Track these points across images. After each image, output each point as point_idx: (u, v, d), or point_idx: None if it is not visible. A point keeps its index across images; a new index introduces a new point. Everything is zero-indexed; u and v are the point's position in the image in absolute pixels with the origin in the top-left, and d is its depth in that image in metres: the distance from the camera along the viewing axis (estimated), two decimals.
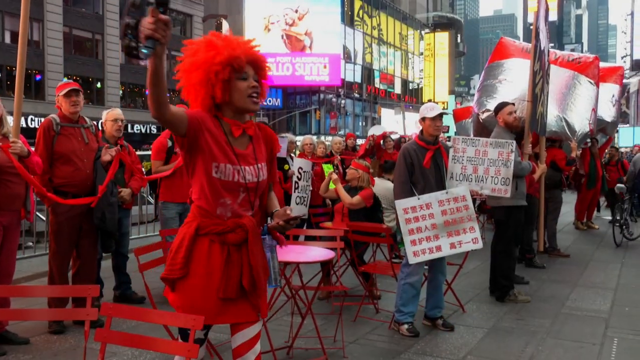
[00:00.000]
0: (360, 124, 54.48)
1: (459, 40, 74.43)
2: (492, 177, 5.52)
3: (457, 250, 5.14)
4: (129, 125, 34.93)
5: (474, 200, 10.60)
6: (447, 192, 5.14)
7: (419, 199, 5.06)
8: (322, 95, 49.61)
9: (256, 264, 2.65)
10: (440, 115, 5.24)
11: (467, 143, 5.55)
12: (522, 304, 6.19)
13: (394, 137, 10.70)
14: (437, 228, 5.04)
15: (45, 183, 4.98)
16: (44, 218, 5.28)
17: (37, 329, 5.03)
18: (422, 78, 64.53)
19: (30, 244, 8.22)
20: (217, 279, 2.60)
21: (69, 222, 5.08)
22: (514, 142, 5.68)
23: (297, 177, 7.85)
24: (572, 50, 72.40)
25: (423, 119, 5.26)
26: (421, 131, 5.32)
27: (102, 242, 5.41)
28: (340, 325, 4.89)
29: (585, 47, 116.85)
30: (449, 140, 6.53)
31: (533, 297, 6.47)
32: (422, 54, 64.53)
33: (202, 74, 2.53)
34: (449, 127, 25.27)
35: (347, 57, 50.67)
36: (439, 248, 5.06)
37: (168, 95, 2.41)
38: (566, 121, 8.36)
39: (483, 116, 8.18)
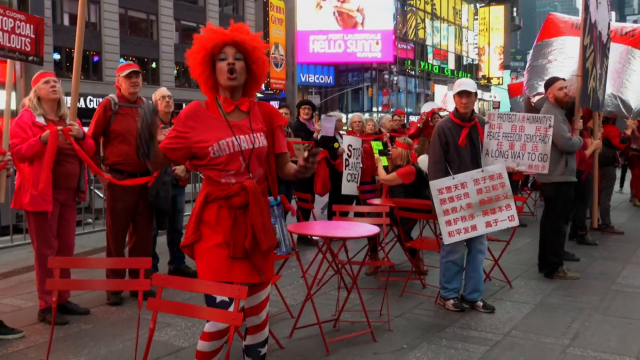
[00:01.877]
0: (413, 100, 53.95)
1: (514, 13, 72.37)
2: (529, 153, 5.44)
3: (493, 228, 5.11)
4: (184, 104, 35.58)
5: (527, 177, 10.52)
6: (482, 171, 5.07)
7: (453, 178, 5.02)
8: (374, 72, 49.30)
9: (256, 224, 2.85)
10: (467, 93, 5.10)
11: (503, 119, 5.48)
12: (571, 281, 6.14)
13: (443, 113, 10.58)
14: (472, 207, 5.02)
15: (97, 162, 5.21)
16: (102, 195, 5.53)
17: (96, 301, 5.31)
18: (476, 53, 63.20)
19: (90, 220, 8.59)
20: (226, 240, 2.83)
21: (124, 199, 5.31)
22: (552, 116, 5.57)
23: (347, 154, 7.92)
24: (635, 21, 69.47)
25: (453, 96, 5.18)
26: (456, 108, 5.22)
27: (157, 219, 5.63)
28: (386, 299, 4.99)
29: None
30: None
31: (583, 274, 6.40)
32: (477, 27, 63.12)
33: (192, 59, 2.88)
34: (500, 102, 24.78)
35: (400, 33, 50.08)
36: (474, 227, 5.05)
37: None
38: (621, 99, 8.16)
39: (534, 100, 8.05)
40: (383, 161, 6.98)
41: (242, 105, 2.96)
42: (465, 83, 5.22)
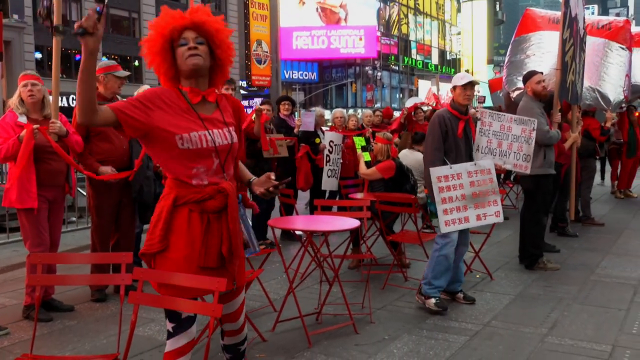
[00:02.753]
0: (397, 96, 54.11)
1: (497, 8, 72.84)
2: (514, 152, 5.56)
3: (483, 222, 5.17)
4: None
5: (509, 172, 10.65)
6: (475, 164, 5.14)
7: (451, 167, 5.02)
8: (358, 68, 49.41)
9: (235, 230, 2.66)
10: (472, 84, 5.16)
11: (494, 117, 5.59)
12: (551, 272, 6.24)
13: (425, 108, 10.69)
14: (465, 199, 5.05)
15: (87, 157, 5.20)
16: (85, 193, 5.55)
17: (80, 298, 5.33)
18: (459, 48, 63.50)
19: (74, 218, 8.56)
20: (197, 249, 2.60)
21: (108, 196, 5.32)
22: (536, 120, 5.72)
23: (329, 150, 7.98)
24: (617, 14, 70.13)
25: (454, 88, 5.19)
26: (452, 100, 5.25)
27: (140, 214, 5.65)
28: (368, 292, 5.05)
29: (632, 11, 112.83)
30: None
31: (563, 265, 6.51)
32: (459, 23, 63.40)
33: (147, 48, 2.65)
34: (485, 97, 24.95)
35: (383, 28, 50.19)
36: (467, 219, 5.07)
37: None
38: (599, 92, 8.28)
39: (514, 95, 8.15)
40: (365, 157, 7.04)
41: (210, 96, 2.71)
42: (468, 75, 5.29)
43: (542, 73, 6.45)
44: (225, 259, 2.64)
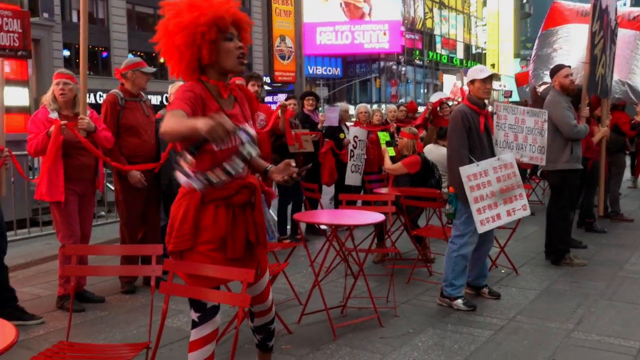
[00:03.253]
0: (421, 91, 53.85)
1: (524, 0, 71.96)
2: (530, 145, 5.49)
3: (512, 217, 5.07)
4: None
5: (535, 166, 10.56)
6: (498, 159, 5.03)
7: (478, 165, 4.87)
8: (382, 63, 49.26)
9: (261, 220, 2.72)
10: (491, 78, 5.07)
11: (508, 110, 5.53)
12: (578, 268, 6.20)
13: (451, 103, 10.64)
14: (495, 195, 4.92)
15: (115, 154, 5.31)
16: (113, 188, 5.67)
17: (110, 290, 5.45)
18: (485, 42, 62.92)
19: (103, 213, 8.72)
20: (225, 242, 2.65)
21: (136, 190, 5.42)
22: (546, 112, 5.66)
23: (353, 145, 8.01)
24: None
25: (472, 81, 5.01)
26: (470, 94, 5.09)
27: (165, 207, 5.76)
28: (392, 286, 5.08)
29: None
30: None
31: (590, 260, 6.46)
32: (485, 17, 62.81)
33: (187, 35, 2.51)
34: (512, 91, 24.73)
35: (408, 23, 49.93)
36: (499, 216, 4.95)
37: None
38: (629, 85, 8.17)
39: (540, 89, 8.08)
40: (390, 152, 7.05)
41: (234, 90, 2.72)
42: (487, 69, 5.16)
43: (569, 67, 6.40)
44: (253, 247, 2.72)
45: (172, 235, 2.69)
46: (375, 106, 31.88)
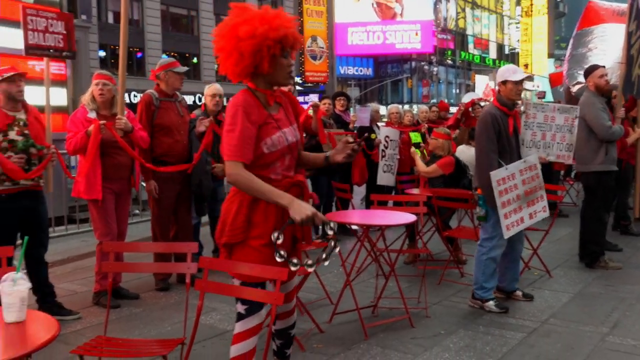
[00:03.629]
0: (453, 91, 53.43)
1: None
2: (557, 143, 5.43)
3: (534, 220, 5.01)
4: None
5: (570, 167, 10.42)
6: (524, 161, 4.93)
7: (507, 169, 4.80)
8: (413, 63, 48.99)
9: None
10: (523, 80, 4.98)
11: (538, 108, 5.48)
12: (613, 271, 6.11)
13: (483, 104, 10.55)
14: (520, 199, 4.86)
15: (148, 153, 5.41)
16: (143, 183, 5.79)
17: (145, 287, 5.56)
18: (518, 41, 62.15)
19: (137, 211, 8.87)
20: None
21: (168, 189, 5.52)
22: (579, 108, 5.58)
23: (384, 145, 8.01)
24: None
25: (504, 82, 4.88)
26: (500, 94, 4.97)
27: (196, 207, 5.86)
28: (423, 287, 5.08)
29: None
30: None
31: (625, 264, 6.36)
32: (519, 16, 62.05)
33: (254, 44, 2.62)
34: (545, 92, 24.41)
35: (440, 23, 49.60)
36: (522, 219, 4.90)
37: None
38: None
39: (574, 89, 7.99)
40: (418, 153, 7.04)
41: (279, 98, 2.88)
42: (521, 70, 5.04)
43: (604, 67, 6.31)
44: (299, 240, 2.86)
45: (225, 230, 2.79)
46: (406, 107, 31.82)
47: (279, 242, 2.59)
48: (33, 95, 5.02)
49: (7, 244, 4.17)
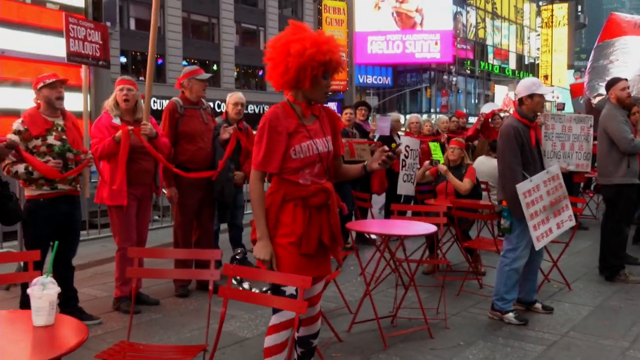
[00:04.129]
0: (472, 101, 53.22)
1: (579, 11, 70.44)
2: (576, 152, 5.46)
3: (561, 230, 5.03)
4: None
5: (589, 180, 10.34)
6: (547, 172, 4.94)
7: (531, 181, 4.80)
8: (432, 73, 48.90)
9: (336, 221, 3.08)
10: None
11: (555, 119, 5.50)
12: (633, 284, 6.06)
13: (502, 115, 10.54)
14: (547, 210, 4.87)
15: (170, 160, 5.48)
16: (163, 190, 5.84)
17: (164, 293, 5.60)
18: (539, 52, 61.81)
19: (157, 217, 8.96)
20: (300, 238, 2.98)
21: (192, 195, 5.58)
22: (592, 117, 5.61)
23: (405, 155, 8.01)
24: None
25: (531, 96, 4.89)
26: (522, 107, 4.96)
27: (219, 213, 5.91)
28: (443, 297, 5.07)
29: None
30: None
31: None
32: (539, 27, 61.74)
33: (301, 62, 2.87)
34: (564, 104, 24.28)
35: (460, 33, 49.50)
36: (550, 230, 4.90)
37: None
38: None
39: (595, 101, 7.98)
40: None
41: (316, 111, 3.11)
42: (541, 82, 5.10)
43: (626, 80, 6.28)
44: (328, 246, 3.06)
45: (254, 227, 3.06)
46: (425, 116, 31.74)
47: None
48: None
49: (43, 249, 4.27)
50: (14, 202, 4.24)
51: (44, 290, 2.27)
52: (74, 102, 5.65)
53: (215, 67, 37.43)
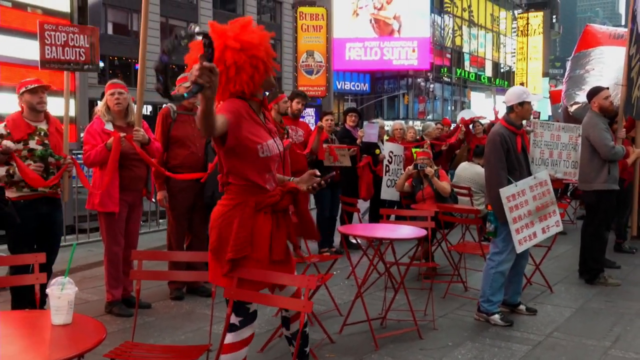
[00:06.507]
0: (449, 108, 53.76)
1: (554, 20, 71.61)
2: (564, 160, 5.62)
3: (547, 234, 5.19)
4: None
5: (567, 186, 10.57)
6: (535, 177, 5.10)
7: (516, 185, 4.95)
8: (410, 80, 49.31)
9: (310, 218, 3.07)
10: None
11: (544, 127, 5.65)
12: (612, 287, 6.25)
13: (482, 121, 10.74)
14: (531, 214, 5.02)
15: (162, 164, 5.52)
16: (153, 200, 5.88)
17: (156, 296, 5.64)
18: (514, 60, 62.68)
19: (143, 221, 8.94)
20: (270, 245, 2.87)
21: (183, 199, 5.63)
22: (580, 126, 5.75)
23: (388, 160, 8.15)
24: None
25: (521, 104, 5.03)
26: (510, 115, 5.11)
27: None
28: (431, 300, 5.20)
29: None
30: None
31: (624, 281, 6.50)
32: (514, 35, 62.63)
33: (264, 65, 2.85)
34: (539, 112, 24.64)
35: (437, 40, 50.02)
36: (535, 234, 5.05)
37: None
38: None
39: (572, 109, 8.19)
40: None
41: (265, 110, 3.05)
42: (527, 90, 5.27)
43: (607, 89, 6.48)
44: (294, 248, 3.01)
45: (229, 245, 2.82)
46: (402, 122, 32.01)
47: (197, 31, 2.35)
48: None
49: (26, 251, 4.30)
50: (9, 206, 4.26)
51: (63, 290, 2.34)
52: (61, 106, 5.65)
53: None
